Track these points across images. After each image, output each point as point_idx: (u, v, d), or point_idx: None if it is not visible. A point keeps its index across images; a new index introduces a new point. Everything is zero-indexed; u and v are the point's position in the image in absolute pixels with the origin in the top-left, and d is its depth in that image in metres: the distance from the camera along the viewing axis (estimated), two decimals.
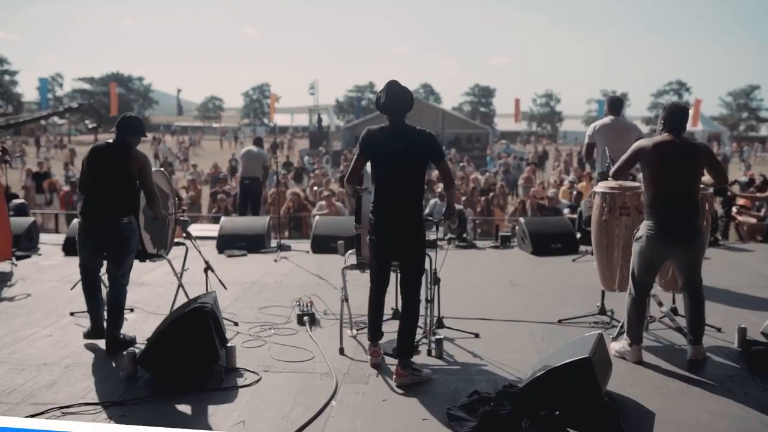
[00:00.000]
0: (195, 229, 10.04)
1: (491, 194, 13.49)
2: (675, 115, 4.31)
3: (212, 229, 9.25)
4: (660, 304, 5.00)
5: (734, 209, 9.72)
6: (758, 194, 10.20)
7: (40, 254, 8.11)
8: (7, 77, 62.30)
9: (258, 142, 11.26)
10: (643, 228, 4.32)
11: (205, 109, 79.44)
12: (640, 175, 4.51)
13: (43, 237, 9.13)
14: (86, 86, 71.69)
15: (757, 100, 67.14)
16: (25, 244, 8.19)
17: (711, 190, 4.94)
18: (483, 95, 75.72)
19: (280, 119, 67.48)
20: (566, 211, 11.96)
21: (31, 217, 9.40)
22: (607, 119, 6.62)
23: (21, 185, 16.66)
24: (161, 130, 62.67)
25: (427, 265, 4.39)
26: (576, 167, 23.26)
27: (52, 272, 7.06)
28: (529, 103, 72.68)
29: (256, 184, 10.70)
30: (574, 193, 13.22)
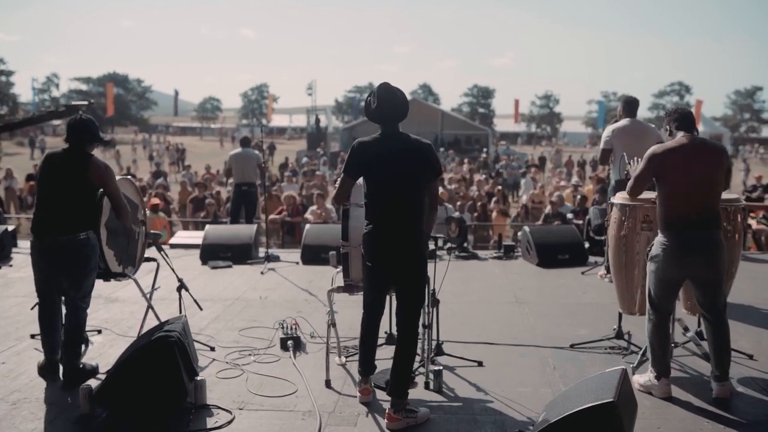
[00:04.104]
0: (181, 236, 9.54)
1: (493, 199, 12.99)
2: (682, 115, 3.86)
3: (199, 236, 8.68)
4: (686, 329, 4.47)
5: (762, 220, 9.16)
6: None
7: (11, 265, 7.57)
8: (3, 78, 61.60)
9: (245, 142, 10.08)
10: (657, 245, 3.81)
11: (203, 110, 78.75)
12: None
13: (23, 244, 8.58)
14: (83, 86, 70.94)
15: (760, 101, 66.51)
16: None
17: (743, 201, 4.42)
18: (482, 96, 75.04)
19: (278, 120, 67.14)
20: (569, 216, 11.44)
21: (3, 225, 8.82)
22: (625, 122, 6.11)
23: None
24: (159, 130, 62.13)
25: None
26: (578, 169, 22.81)
27: (20, 286, 6.52)
28: (528, 104, 72.11)
29: (253, 189, 9.66)
30: (578, 197, 12.69)
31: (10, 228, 8.54)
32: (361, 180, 3.71)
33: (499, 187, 14.59)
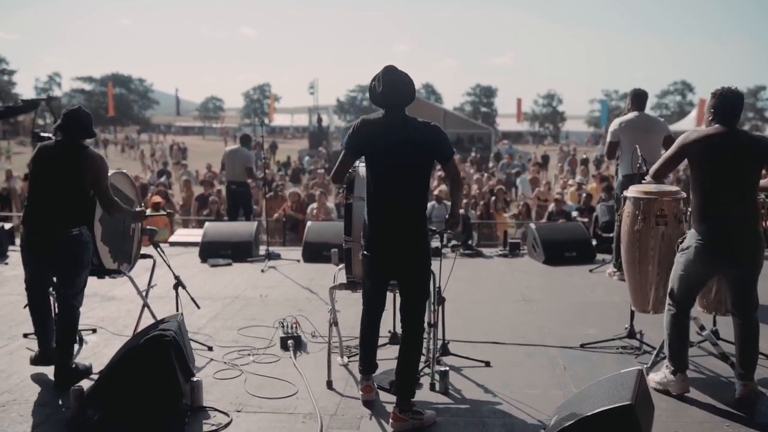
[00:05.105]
0: (181, 234, 9.39)
1: (492, 197, 12.81)
2: (727, 102, 3.55)
3: (198, 234, 8.53)
4: (702, 327, 4.30)
5: None
6: None
7: (6, 263, 7.43)
8: (5, 77, 61.64)
9: (245, 140, 9.75)
10: (691, 238, 3.62)
11: (205, 109, 78.74)
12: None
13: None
14: (86, 86, 70.91)
15: (763, 100, 66.22)
16: None
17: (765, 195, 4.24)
18: (484, 95, 74.90)
19: (280, 119, 67.00)
20: (574, 214, 11.29)
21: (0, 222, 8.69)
22: (632, 115, 5.95)
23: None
24: (161, 130, 62.09)
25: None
26: (581, 168, 22.64)
27: (15, 284, 6.36)
28: (530, 103, 71.92)
29: (243, 188, 9.49)
30: (583, 195, 12.52)
31: (7, 226, 8.40)
32: (363, 172, 3.55)
33: (501, 187, 14.40)
